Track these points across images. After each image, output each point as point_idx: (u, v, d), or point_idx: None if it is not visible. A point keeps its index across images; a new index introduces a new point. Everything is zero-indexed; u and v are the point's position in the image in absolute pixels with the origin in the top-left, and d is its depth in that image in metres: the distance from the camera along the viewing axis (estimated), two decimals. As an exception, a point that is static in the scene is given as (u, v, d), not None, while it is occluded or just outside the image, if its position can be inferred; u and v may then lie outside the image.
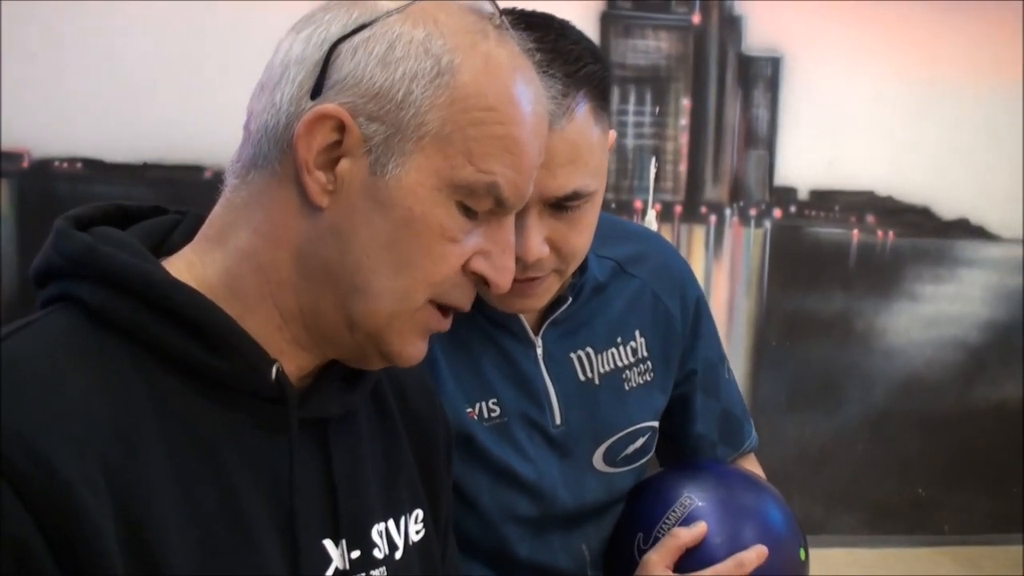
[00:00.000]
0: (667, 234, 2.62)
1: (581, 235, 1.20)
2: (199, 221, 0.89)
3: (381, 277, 0.83)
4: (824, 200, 2.71)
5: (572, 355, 1.32)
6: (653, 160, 2.62)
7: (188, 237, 0.88)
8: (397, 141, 0.81)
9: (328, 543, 0.87)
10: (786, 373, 2.73)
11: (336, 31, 0.82)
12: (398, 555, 0.94)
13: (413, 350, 0.88)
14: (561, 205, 1.16)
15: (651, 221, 2.61)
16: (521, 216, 1.14)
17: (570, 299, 1.30)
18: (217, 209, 0.87)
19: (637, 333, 1.37)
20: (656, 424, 1.39)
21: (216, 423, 0.81)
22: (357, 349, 0.87)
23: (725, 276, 2.70)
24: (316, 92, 0.81)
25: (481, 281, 0.87)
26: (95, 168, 2.33)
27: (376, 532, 0.93)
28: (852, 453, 2.77)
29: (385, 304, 0.84)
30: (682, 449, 1.48)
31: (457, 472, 1.23)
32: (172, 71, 2.29)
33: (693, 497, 1.31)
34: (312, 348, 0.87)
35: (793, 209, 2.70)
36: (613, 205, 2.59)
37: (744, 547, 1.28)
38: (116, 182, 2.30)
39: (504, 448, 1.27)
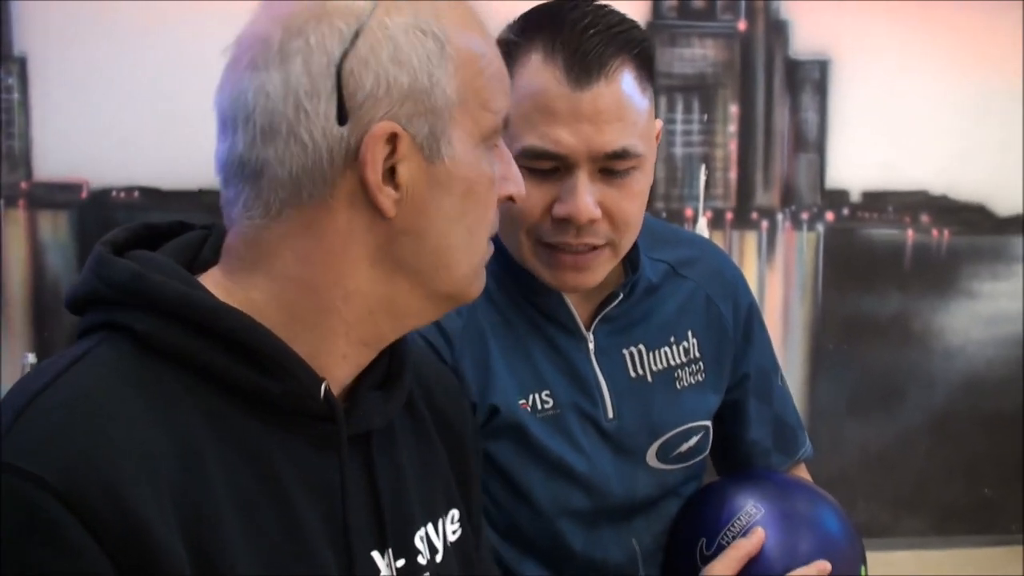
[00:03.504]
0: (719, 241, 2.61)
1: (633, 202, 1.23)
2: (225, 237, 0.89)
3: (459, 247, 0.88)
4: (877, 201, 2.69)
5: (624, 351, 1.34)
6: (703, 168, 2.61)
7: (217, 254, 0.89)
8: (438, 125, 0.84)
9: (375, 555, 0.89)
10: (845, 377, 2.71)
11: (335, 50, 0.82)
12: (439, 558, 0.96)
13: (481, 286, 0.93)
14: (611, 169, 1.20)
15: (702, 229, 2.60)
16: (571, 177, 1.19)
17: (621, 295, 1.31)
18: (238, 245, 0.87)
19: (690, 334, 1.39)
20: (709, 424, 1.40)
21: (269, 443, 0.83)
22: (430, 314, 0.91)
23: (779, 281, 2.68)
24: (343, 116, 0.82)
25: (507, 199, 0.92)
26: (152, 196, 2.36)
27: (418, 538, 0.94)
28: (916, 456, 2.74)
29: (464, 268, 0.89)
30: (736, 456, 1.48)
31: (510, 465, 1.28)
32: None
33: (760, 506, 1.31)
34: (374, 342, 0.89)
35: (846, 211, 2.68)
36: (664, 214, 2.59)
37: (805, 561, 1.28)
38: (173, 209, 2.33)
39: (557, 440, 1.30)
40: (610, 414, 1.32)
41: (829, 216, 2.68)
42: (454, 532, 0.99)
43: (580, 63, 1.17)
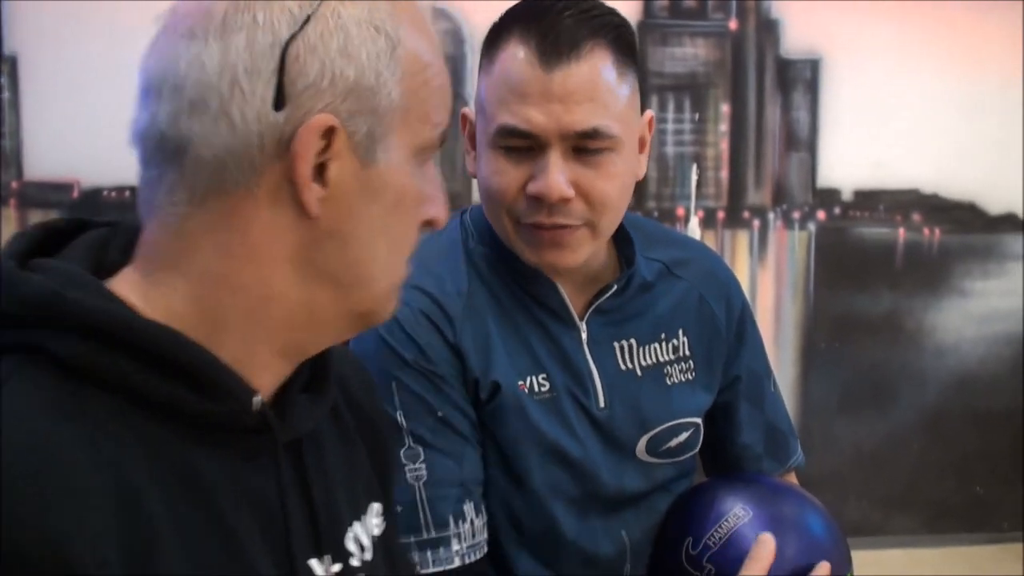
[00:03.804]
0: (711, 240, 2.62)
1: (608, 182, 1.23)
2: (131, 234, 0.84)
3: (381, 261, 0.83)
4: (868, 200, 2.70)
5: (615, 344, 1.36)
6: (694, 167, 2.62)
7: (124, 254, 0.83)
8: (378, 128, 0.79)
9: (314, 562, 0.86)
10: (836, 375, 2.72)
11: (283, 31, 0.77)
12: (367, 556, 0.92)
13: (393, 309, 0.88)
14: (584, 148, 1.21)
15: (694, 228, 2.61)
16: (544, 156, 1.21)
17: (615, 287, 1.33)
18: (159, 237, 0.80)
19: (681, 332, 1.40)
20: (699, 422, 1.41)
21: (203, 461, 0.79)
22: (345, 332, 0.87)
23: (771, 280, 2.69)
24: (280, 101, 0.76)
25: (427, 225, 0.87)
26: (143, 196, 2.36)
27: (350, 540, 0.92)
28: (908, 454, 2.75)
29: (383, 285, 0.84)
30: (726, 460, 1.49)
31: (510, 447, 1.29)
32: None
33: (748, 509, 1.31)
34: (294, 355, 0.85)
35: (837, 210, 2.69)
36: (655, 213, 2.59)
37: (792, 565, 1.28)
38: (164, 209, 2.33)
39: (554, 424, 1.31)
40: (601, 403, 1.33)
41: (820, 215, 2.68)
42: (377, 526, 0.96)
43: (552, 45, 1.20)
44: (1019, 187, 2.74)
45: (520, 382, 1.29)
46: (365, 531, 0.94)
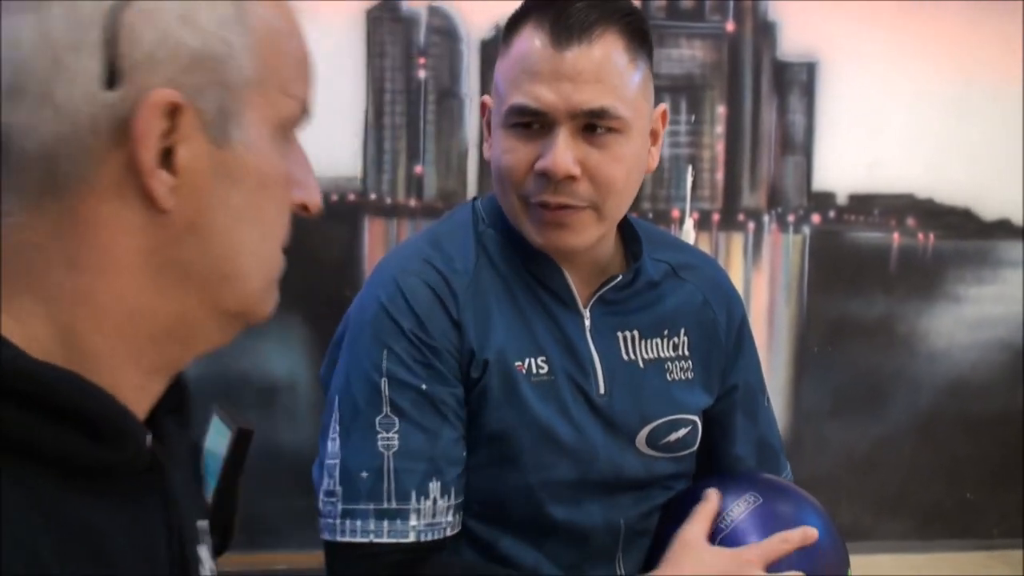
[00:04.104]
0: (705, 242, 2.62)
1: (615, 164, 1.27)
2: None
3: (248, 254, 0.74)
4: (863, 204, 2.70)
5: (618, 333, 1.38)
6: (690, 169, 2.61)
7: None
8: (230, 103, 0.71)
9: None
10: (829, 379, 2.72)
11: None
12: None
13: (273, 304, 0.80)
14: (592, 126, 1.25)
15: (689, 230, 2.61)
16: (550, 135, 1.25)
17: (620, 276, 1.35)
18: (3, 253, 0.69)
19: (682, 331, 1.43)
20: (698, 420, 1.43)
21: (101, 517, 0.70)
22: (218, 336, 0.78)
23: (765, 283, 2.69)
24: (113, 78, 0.66)
25: (301, 210, 0.79)
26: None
27: (205, 568, 0.85)
28: (899, 458, 2.75)
29: (257, 281, 0.76)
30: (720, 471, 1.51)
31: (498, 429, 1.32)
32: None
33: (758, 496, 1.33)
34: (166, 371, 0.77)
35: (832, 214, 2.69)
36: (651, 215, 2.59)
37: (793, 560, 1.30)
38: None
39: (548, 408, 1.33)
40: (601, 389, 1.35)
41: (815, 218, 2.68)
42: (208, 545, 0.87)
43: (564, 27, 1.24)
44: (1014, 193, 2.74)
45: (518, 362, 1.32)
46: (207, 550, 0.86)
